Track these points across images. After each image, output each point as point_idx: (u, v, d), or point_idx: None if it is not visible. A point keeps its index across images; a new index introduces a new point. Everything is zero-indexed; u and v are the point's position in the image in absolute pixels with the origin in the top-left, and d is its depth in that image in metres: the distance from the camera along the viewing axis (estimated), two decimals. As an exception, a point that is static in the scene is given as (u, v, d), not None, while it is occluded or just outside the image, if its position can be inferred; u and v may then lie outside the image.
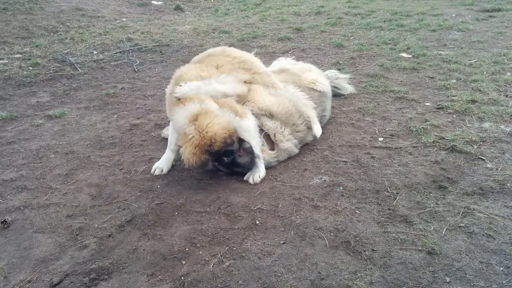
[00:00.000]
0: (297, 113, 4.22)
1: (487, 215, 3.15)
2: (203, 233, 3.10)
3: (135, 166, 4.06)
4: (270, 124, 4.06)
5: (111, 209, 3.43)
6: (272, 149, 4.04)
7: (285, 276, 2.68)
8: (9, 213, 3.40)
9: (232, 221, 3.23)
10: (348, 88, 5.66)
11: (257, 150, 3.85)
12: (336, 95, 5.51)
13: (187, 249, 2.95)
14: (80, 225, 3.23)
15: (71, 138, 4.64)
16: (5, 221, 3.24)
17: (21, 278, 2.75)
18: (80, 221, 3.29)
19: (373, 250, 2.87)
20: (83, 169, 4.03)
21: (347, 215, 3.24)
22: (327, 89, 4.83)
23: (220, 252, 2.90)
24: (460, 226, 3.05)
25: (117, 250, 2.96)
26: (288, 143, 4.11)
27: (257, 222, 3.19)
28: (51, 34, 8.76)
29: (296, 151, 4.21)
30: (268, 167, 3.93)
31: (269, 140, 4.06)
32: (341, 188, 3.58)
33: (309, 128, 4.30)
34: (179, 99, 3.62)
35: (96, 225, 3.23)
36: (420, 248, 2.86)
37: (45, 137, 4.66)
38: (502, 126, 4.44)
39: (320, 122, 4.57)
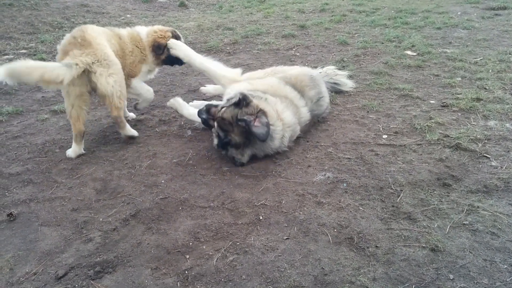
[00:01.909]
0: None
1: (491, 213, 3.15)
2: (207, 228, 3.11)
3: (139, 161, 4.08)
4: (270, 98, 4.10)
5: (115, 203, 3.45)
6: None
7: (288, 271, 2.70)
8: (15, 206, 3.43)
9: (236, 216, 3.24)
10: (348, 83, 5.65)
11: None
12: (337, 91, 5.51)
13: (191, 243, 2.96)
14: (85, 219, 3.25)
15: (76, 133, 4.66)
16: (11, 214, 3.27)
17: (27, 270, 2.77)
18: (85, 214, 3.31)
19: (376, 246, 2.87)
20: (88, 164, 4.05)
21: (350, 211, 3.25)
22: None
23: (223, 247, 2.91)
24: (464, 224, 3.05)
25: (121, 244, 2.98)
26: (288, 112, 4.09)
27: (261, 218, 3.20)
28: (56, 30, 8.78)
29: (298, 128, 4.23)
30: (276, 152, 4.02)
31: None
32: (344, 184, 3.59)
33: (298, 107, 4.31)
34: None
35: (101, 219, 3.25)
36: (423, 245, 2.86)
37: (50, 132, 4.69)
38: (507, 124, 4.43)
39: (319, 104, 4.61)
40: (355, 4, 11.16)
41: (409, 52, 7.03)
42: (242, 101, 3.80)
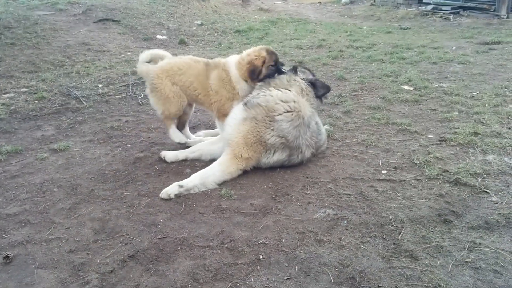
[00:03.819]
0: None
1: (494, 249, 3.11)
2: (206, 268, 3.07)
3: (138, 199, 4.05)
4: None
5: (113, 243, 3.41)
6: None
7: (290, 313, 2.64)
8: (12, 248, 3.38)
9: (236, 256, 3.20)
10: None
11: None
12: None
13: (189, 285, 2.91)
14: (82, 261, 3.20)
15: (75, 171, 4.65)
16: (7, 256, 3.22)
17: (22, 316, 2.71)
18: (83, 256, 3.26)
19: (378, 286, 2.83)
20: (87, 203, 4.02)
21: (351, 249, 3.21)
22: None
23: (223, 289, 2.86)
24: (467, 261, 3.01)
25: (119, 286, 2.92)
26: None
27: (261, 257, 3.16)
28: (57, 68, 8.90)
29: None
30: None
31: None
32: (345, 222, 3.56)
33: None
34: None
35: (98, 261, 3.20)
36: (426, 284, 2.82)
37: (49, 171, 4.68)
38: (506, 159, 4.44)
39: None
40: (351, 40, 11.36)
41: (406, 87, 7.11)
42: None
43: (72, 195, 4.17)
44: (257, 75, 4.59)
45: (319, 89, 4.80)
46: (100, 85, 7.87)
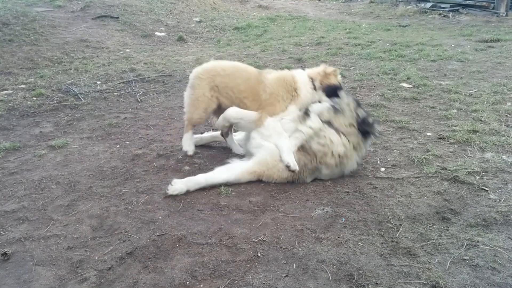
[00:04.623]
0: None
1: (491, 247, 3.12)
2: (204, 265, 3.07)
3: (136, 196, 4.05)
4: None
5: (111, 240, 3.41)
6: None
7: (288, 310, 2.64)
8: (10, 245, 3.37)
9: (234, 253, 3.20)
10: None
11: None
12: None
13: (188, 282, 2.91)
14: (81, 258, 3.20)
15: (73, 168, 4.64)
16: (5, 253, 3.22)
17: (20, 313, 2.71)
18: (81, 253, 3.26)
19: (376, 283, 2.83)
20: (85, 200, 4.02)
21: (350, 247, 3.21)
22: None
23: (221, 286, 2.86)
24: (465, 259, 3.01)
25: (117, 283, 2.93)
26: None
27: (259, 254, 3.16)
28: (56, 64, 8.89)
29: None
30: None
31: None
32: (343, 219, 3.56)
33: None
34: None
35: (96, 258, 3.20)
36: (424, 282, 2.82)
37: (47, 168, 4.67)
38: (504, 157, 4.44)
39: None
40: (350, 37, 11.35)
41: (404, 85, 7.11)
42: None
43: (70, 192, 4.16)
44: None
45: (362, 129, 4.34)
46: (98, 82, 7.86)
